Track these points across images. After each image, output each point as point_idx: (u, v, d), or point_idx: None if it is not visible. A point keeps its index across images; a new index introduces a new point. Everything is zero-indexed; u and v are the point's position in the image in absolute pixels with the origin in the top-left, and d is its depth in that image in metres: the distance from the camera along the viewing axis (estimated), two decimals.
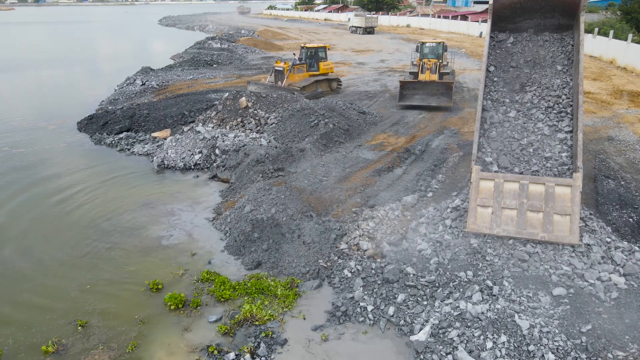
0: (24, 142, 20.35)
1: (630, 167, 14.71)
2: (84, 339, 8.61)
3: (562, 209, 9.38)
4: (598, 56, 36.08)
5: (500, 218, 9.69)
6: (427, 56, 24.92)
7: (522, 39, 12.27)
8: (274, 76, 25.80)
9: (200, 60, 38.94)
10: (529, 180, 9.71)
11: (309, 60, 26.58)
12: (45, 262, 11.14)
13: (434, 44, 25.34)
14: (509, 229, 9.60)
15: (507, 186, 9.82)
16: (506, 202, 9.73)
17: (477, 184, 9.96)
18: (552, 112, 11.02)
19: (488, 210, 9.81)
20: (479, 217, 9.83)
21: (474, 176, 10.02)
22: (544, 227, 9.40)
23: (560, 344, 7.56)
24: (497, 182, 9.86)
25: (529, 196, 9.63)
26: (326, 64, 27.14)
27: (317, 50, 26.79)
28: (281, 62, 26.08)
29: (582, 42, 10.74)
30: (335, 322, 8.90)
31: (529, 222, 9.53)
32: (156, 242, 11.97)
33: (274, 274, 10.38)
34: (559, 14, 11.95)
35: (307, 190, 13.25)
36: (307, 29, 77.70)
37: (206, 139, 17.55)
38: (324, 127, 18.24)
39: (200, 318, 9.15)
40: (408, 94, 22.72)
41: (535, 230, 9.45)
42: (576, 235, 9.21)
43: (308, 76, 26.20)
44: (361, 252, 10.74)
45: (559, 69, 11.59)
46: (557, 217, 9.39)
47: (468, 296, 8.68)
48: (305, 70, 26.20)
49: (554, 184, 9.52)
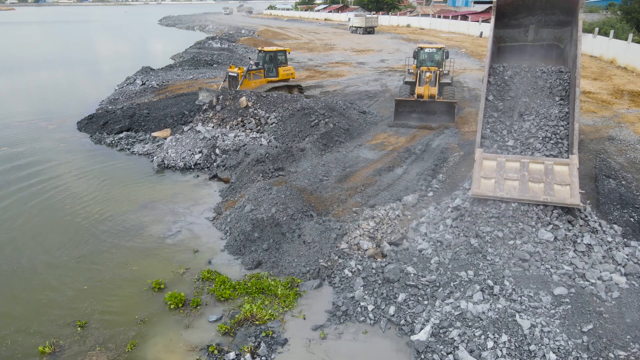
0: (24, 141, 20.33)
1: (631, 167, 14.68)
2: (82, 340, 8.59)
3: (562, 180, 9.86)
4: (598, 56, 36.04)
5: (503, 186, 10.13)
6: (426, 63, 22.13)
7: (521, 70, 12.62)
8: (227, 82, 24.06)
9: (200, 60, 38.90)
10: (529, 160, 10.30)
11: (267, 65, 24.60)
12: (45, 262, 11.11)
13: (434, 50, 22.28)
14: (512, 192, 9.98)
15: (509, 164, 10.39)
16: (508, 175, 10.22)
17: (480, 162, 10.53)
18: (550, 142, 11.20)
19: (491, 181, 10.28)
20: (483, 185, 10.28)
21: (477, 156, 10.57)
22: (546, 192, 9.78)
23: (561, 344, 7.53)
24: (500, 161, 10.46)
25: (529, 171, 10.14)
26: (286, 69, 25.23)
27: (276, 54, 24.77)
28: (235, 67, 24.24)
29: (580, 37, 11.12)
30: (336, 321, 8.88)
31: (531, 189, 9.92)
32: (156, 242, 11.94)
33: (274, 274, 10.36)
34: (559, 11, 12.40)
35: (308, 190, 13.23)
36: (307, 29, 77.66)
37: (206, 138, 17.53)
38: (324, 127, 18.22)
39: (201, 317, 9.13)
40: (404, 112, 20.08)
41: (538, 194, 9.79)
42: (577, 199, 9.55)
43: (266, 82, 24.40)
44: (362, 251, 10.73)
45: (557, 100, 11.82)
46: (558, 186, 9.83)
47: (469, 296, 8.65)
48: (262, 75, 24.41)
49: (553, 163, 10.10)
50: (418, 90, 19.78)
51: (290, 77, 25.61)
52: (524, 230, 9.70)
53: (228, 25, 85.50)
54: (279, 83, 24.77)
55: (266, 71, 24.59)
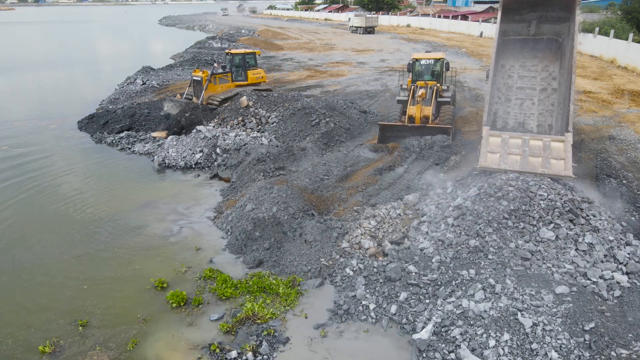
0: (25, 141, 20.33)
1: (631, 166, 14.68)
2: (82, 339, 8.57)
3: (558, 155, 11.18)
4: (599, 56, 36.03)
5: (506, 160, 11.43)
6: (423, 77, 18.52)
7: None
8: (192, 87, 22.59)
9: (200, 60, 38.93)
10: (530, 137, 11.76)
11: (235, 68, 23.28)
12: (46, 261, 11.11)
13: (431, 61, 18.45)
14: (514, 165, 11.24)
15: (512, 141, 11.75)
16: (511, 150, 11.56)
17: (487, 139, 11.84)
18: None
19: (496, 155, 11.61)
20: (489, 159, 11.57)
21: (484, 133, 11.90)
22: (544, 166, 11.08)
23: (563, 342, 7.53)
24: (504, 137, 11.84)
25: (530, 147, 11.48)
26: (256, 73, 23.89)
27: (244, 56, 23.55)
28: (200, 71, 22.54)
29: (576, 31, 12.91)
30: (337, 320, 8.87)
31: (531, 163, 11.24)
32: (157, 241, 11.94)
33: (275, 273, 10.35)
34: (558, 8, 13.94)
35: (309, 189, 13.23)
36: (307, 29, 77.68)
37: (207, 138, 17.53)
38: (325, 126, 18.22)
39: (202, 316, 9.12)
40: (392, 138, 17.06)
41: (536, 167, 11.08)
42: (570, 171, 10.86)
43: (233, 87, 22.99)
44: (363, 250, 10.72)
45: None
46: (554, 160, 11.15)
47: (470, 294, 8.64)
48: (230, 79, 23.02)
49: (550, 140, 11.51)
50: (409, 111, 16.82)
51: (261, 81, 24.26)
52: (526, 229, 9.70)
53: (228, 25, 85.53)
54: (248, 87, 23.21)
55: (234, 75, 23.24)
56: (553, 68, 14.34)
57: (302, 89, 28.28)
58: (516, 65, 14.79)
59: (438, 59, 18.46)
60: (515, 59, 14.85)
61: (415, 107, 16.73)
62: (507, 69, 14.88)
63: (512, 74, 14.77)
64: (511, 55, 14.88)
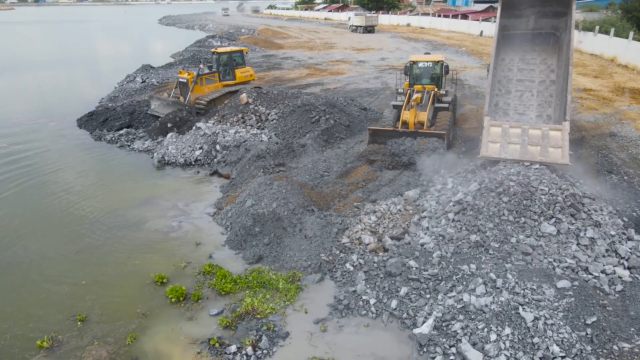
0: (24, 138, 20.28)
1: (632, 162, 14.64)
2: (81, 334, 8.53)
3: (556, 143, 11.50)
4: (599, 54, 35.95)
5: (507, 149, 11.78)
6: (421, 80, 17.41)
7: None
8: (179, 89, 21.90)
9: (200, 58, 38.85)
10: (529, 126, 12.07)
11: (222, 67, 22.58)
12: (46, 257, 11.06)
13: (429, 64, 17.27)
14: (514, 154, 11.61)
15: (512, 130, 12.05)
16: (511, 139, 11.87)
17: (488, 129, 12.16)
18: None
19: (497, 145, 11.93)
20: (490, 148, 11.90)
21: (486, 124, 12.25)
22: (542, 154, 11.38)
23: (565, 336, 7.48)
24: (504, 127, 12.13)
25: (529, 136, 11.77)
26: (244, 71, 23.22)
27: (231, 55, 22.70)
28: (185, 72, 21.71)
29: (573, 26, 13.17)
30: (338, 315, 8.83)
31: (530, 152, 11.56)
32: (157, 237, 11.90)
33: (275, 268, 10.30)
34: (556, 3, 14.30)
35: (309, 185, 13.17)
36: (307, 28, 77.60)
37: (207, 135, 17.48)
38: (325, 123, 18.16)
39: (202, 311, 9.08)
40: (383, 142, 15.76)
41: (535, 156, 11.41)
42: (567, 159, 11.21)
43: (221, 87, 22.41)
44: (363, 246, 10.67)
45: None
46: (552, 148, 11.46)
47: (471, 289, 8.59)
48: (218, 79, 22.39)
49: (548, 129, 11.81)
50: (403, 116, 15.82)
51: (250, 79, 23.63)
52: (527, 224, 9.65)
53: (228, 25, 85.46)
54: (237, 87, 22.55)
55: (222, 74, 22.58)
56: (551, 61, 14.59)
57: (302, 87, 28.23)
58: (516, 58, 15.02)
59: (437, 61, 17.22)
60: (515, 53, 15.06)
61: (409, 112, 15.76)
62: (507, 62, 15.10)
63: (512, 67, 14.98)
64: (511, 49, 15.09)
